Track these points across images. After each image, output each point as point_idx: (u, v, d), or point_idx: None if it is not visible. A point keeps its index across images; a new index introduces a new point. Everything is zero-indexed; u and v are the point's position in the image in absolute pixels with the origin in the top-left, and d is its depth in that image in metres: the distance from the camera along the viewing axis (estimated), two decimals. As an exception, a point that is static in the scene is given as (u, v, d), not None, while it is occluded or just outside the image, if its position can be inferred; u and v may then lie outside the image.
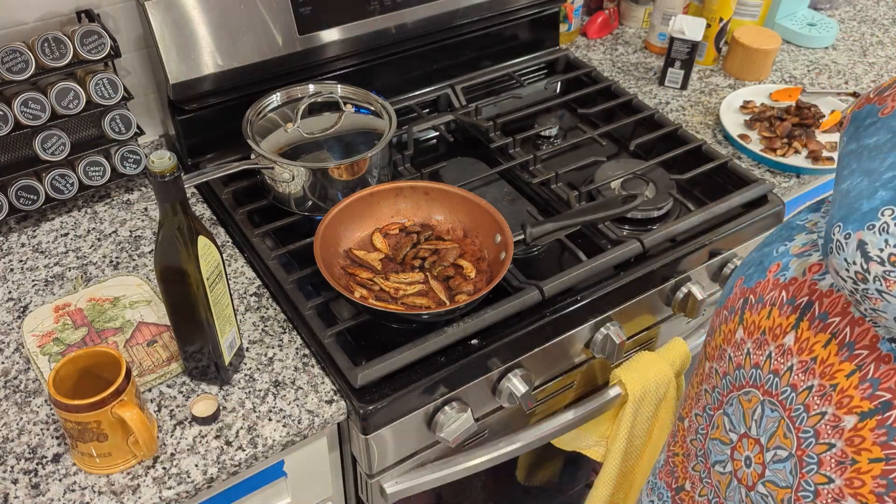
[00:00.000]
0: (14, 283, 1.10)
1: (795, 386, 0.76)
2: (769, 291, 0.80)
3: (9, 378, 0.98)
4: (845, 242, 0.66)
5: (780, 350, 0.77)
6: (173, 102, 1.23)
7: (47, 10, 1.16)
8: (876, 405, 0.70)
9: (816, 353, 0.74)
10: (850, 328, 0.72)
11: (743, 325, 0.82)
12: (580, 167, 1.30)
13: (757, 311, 0.81)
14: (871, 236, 0.64)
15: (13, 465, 0.89)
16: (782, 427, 0.77)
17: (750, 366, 0.81)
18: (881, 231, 0.64)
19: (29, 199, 1.15)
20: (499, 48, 1.52)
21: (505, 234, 1.06)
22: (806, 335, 0.75)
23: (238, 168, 1.15)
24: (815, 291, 0.76)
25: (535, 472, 1.40)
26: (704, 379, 0.90)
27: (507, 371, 1.06)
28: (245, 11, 1.22)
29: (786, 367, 0.77)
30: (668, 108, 1.50)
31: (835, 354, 0.72)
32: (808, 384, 0.75)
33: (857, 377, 0.71)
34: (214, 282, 0.88)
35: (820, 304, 0.75)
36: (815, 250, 0.79)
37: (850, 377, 0.71)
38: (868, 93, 0.80)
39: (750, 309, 0.82)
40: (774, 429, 0.78)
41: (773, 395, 0.78)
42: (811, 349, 0.74)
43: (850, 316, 0.72)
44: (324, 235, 1.05)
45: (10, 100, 1.08)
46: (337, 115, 1.22)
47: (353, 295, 1.00)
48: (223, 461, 0.90)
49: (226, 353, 0.94)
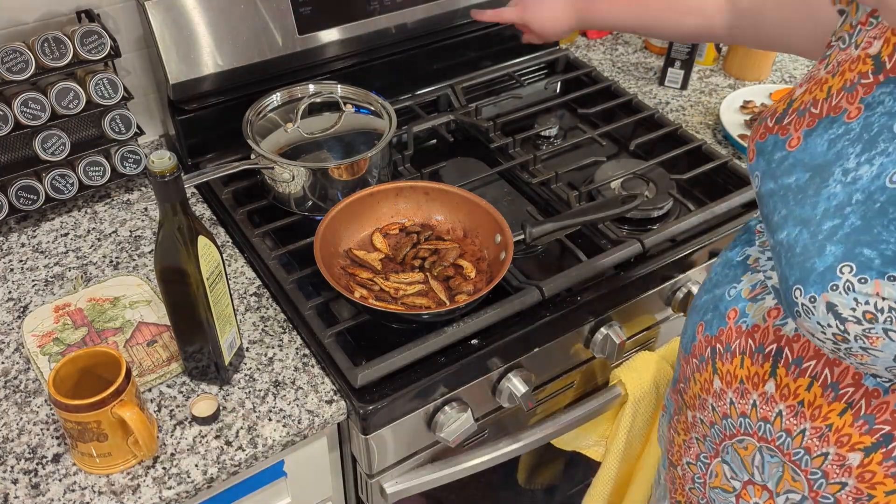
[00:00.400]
0: (14, 283, 1.10)
1: (789, 430, 0.74)
2: (735, 340, 0.78)
3: (9, 378, 0.98)
4: (812, 307, 0.64)
5: (763, 398, 0.75)
6: (173, 102, 1.23)
7: (47, 10, 1.16)
8: (878, 439, 0.69)
9: (802, 396, 0.72)
10: (829, 369, 0.71)
11: (718, 376, 0.80)
12: (580, 167, 1.30)
13: (729, 361, 0.79)
14: (839, 297, 0.62)
15: (13, 465, 0.89)
16: (788, 471, 0.76)
17: (737, 415, 0.79)
18: (846, 290, 0.62)
19: (29, 199, 1.15)
20: (499, 48, 1.52)
21: (505, 234, 1.06)
22: (786, 381, 0.73)
23: (238, 168, 1.15)
24: (781, 337, 0.74)
25: (536, 474, 1.40)
26: (690, 428, 0.88)
27: (507, 371, 1.06)
28: (245, 11, 1.22)
29: (774, 413, 0.75)
30: (668, 108, 1.50)
31: (820, 396, 0.70)
32: (801, 427, 0.73)
33: (850, 415, 0.69)
34: (214, 282, 0.88)
35: (791, 350, 0.73)
36: (767, 293, 0.77)
37: (843, 415, 0.70)
38: (765, 119, 0.78)
39: (720, 359, 0.80)
40: (780, 473, 0.77)
41: (770, 441, 0.77)
42: (795, 394, 0.72)
43: (824, 357, 0.71)
44: (323, 235, 1.05)
45: (10, 100, 1.08)
46: (337, 115, 1.22)
47: (353, 295, 1.00)
48: (223, 461, 0.90)
49: (226, 353, 0.94)
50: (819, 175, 0.68)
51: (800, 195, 0.70)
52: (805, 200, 0.69)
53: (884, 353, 0.62)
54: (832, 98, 0.70)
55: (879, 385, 0.68)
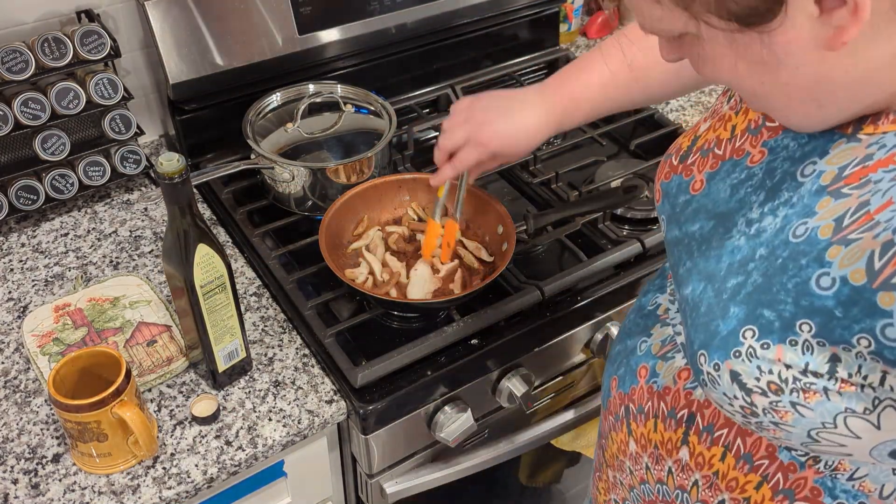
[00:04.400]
0: (14, 283, 1.10)
1: (706, 501, 0.70)
2: (647, 401, 0.74)
3: (9, 378, 0.98)
4: (717, 375, 0.59)
5: (678, 465, 0.71)
6: (173, 102, 1.23)
7: (47, 10, 1.16)
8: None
9: (716, 466, 0.68)
10: (742, 439, 0.66)
11: (633, 438, 0.76)
12: (580, 167, 1.30)
13: (643, 423, 0.74)
14: (742, 365, 0.57)
15: (13, 465, 0.89)
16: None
17: (654, 481, 0.75)
18: (749, 357, 0.56)
19: (29, 199, 1.15)
20: (499, 48, 1.52)
21: (507, 225, 1.06)
22: (699, 450, 0.69)
23: (238, 168, 1.15)
24: (692, 402, 0.69)
25: (537, 472, 1.40)
26: (611, 488, 0.84)
27: (506, 371, 1.06)
28: (245, 11, 1.22)
29: (690, 482, 0.71)
30: (668, 108, 1.50)
31: (734, 468, 0.66)
32: (718, 499, 0.69)
33: (769, 489, 0.65)
34: (213, 291, 0.87)
35: (702, 417, 0.68)
36: (677, 350, 0.72)
37: (760, 489, 0.65)
38: (669, 157, 0.74)
39: (634, 420, 0.76)
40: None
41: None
42: (710, 463, 0.68)
43: (736, 426, 0.66)
44: (328, 227, 1.06)
45: (10, 100, 1.08)
46: (337, 115, 1.22)
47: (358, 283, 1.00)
48: (223, 461, 0.90)
49: (220, 362, 0.94)
50: (722, 224, 0.64)
51: (703, 246, 0.65)
52: (709, 252, 0.64)
53: (796, 428, 0.57)
54: (735, 139, 0.66)
55: (795, 459, 0.64)
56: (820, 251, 0.54)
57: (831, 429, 0.56)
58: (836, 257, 0.53)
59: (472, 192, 1.11)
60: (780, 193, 0.60)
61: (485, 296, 1.04)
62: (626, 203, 1.10)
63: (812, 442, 0.58)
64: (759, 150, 0.64)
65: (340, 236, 1.10)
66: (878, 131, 0.54)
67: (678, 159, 0.72)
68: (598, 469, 0.88)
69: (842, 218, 0.54)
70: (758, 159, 0.63)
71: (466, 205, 1.13)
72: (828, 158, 0.57)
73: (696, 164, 0.70)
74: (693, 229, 0.68)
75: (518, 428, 1.15)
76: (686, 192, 0.70)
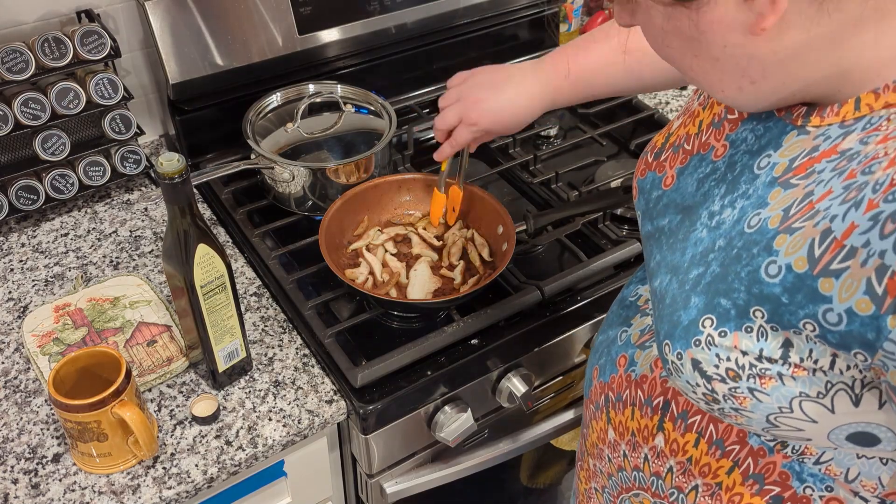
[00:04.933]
0: (14, 283, 1.10)
1: (680, 487, 0.72)
2: (625, 389, 0.75)
3: (9, 378, 0.98)
4: (681, 364, 0.61)
5: (654, 452, 0.72)
6: (173, 102, 1.23)
7: (47, 10, 1.16)
8: (767, 501, 0.66)
9: (690, 453, 0.69)
10: (714, 425, 0.68)
11: (612, 426, 0.78)
12: (580, 167, 1.30)
13: (620, 411, 0.76)
14: (702, 353, 0.59)
15: (13, 465, 0.89)
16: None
17: (631, 468, 0.76)
18: (708, 345, 0.58)
19: (29, 199, 1.15)
20: (499, 48, 1.52)
21: (507, 225, 1.06)
22: (674, 436, 0.70)
23: (238, 168, 1.15)
24: (668, 390, 0.71)
25: (538, 473, 1.40)
26: (591, 477, 0.85)
27: (506, 371, 1.06)
28: (245, 11, 1.22)
29: (665, 468, 0.72)
30: (668, 108, 1.50)
31: (706, 454, 0.68)
32: (692, 484, 0.70)
33: (739, 474, 0.66)
34: (213, 292, 0.87)
35: (677, 404, 0.70)
36: (654, 340, 0.73)
37: (731, 473, 0.67)
38: (646, 154, 0.75)
39: (613, 408, 0.77)
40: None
41: (663, 497, 0.74)
42: (684, 449, 0.70)
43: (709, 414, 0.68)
44: (328, 228, 1.06)
45: (10, 100, 1.08)
46: (337, 115, 1.22)
47: (358, 283, 1.00)
48: (223, 461, 0.90)
49: (221, 362, 0.94)
50: (688, 217, 0.66)
51: (671, 239, 0.67)
52: (676, 245, 0.66)
53: (755, 414, 0.59)
54: (702, 134, 0.68)
55: (764, 444, 0.65)
56: (769, 240, 0.56)
57: (788, 413, 0.57)
58: (783, 246, 0.54)
59: (473, 193, 1.11)
60: (738, 186, 0.62)
61: (485, 296, 1.04)
62: (626, 203, 1.10)
63: (772, 427, 0.59)
64: (721, 144, 0.66)
65: (340, 236, 1.10)
66: (824, 123, 0.56)
67: (653, 156, 0.74)
68: (579, 458, 0.89)
69: (789, 208, 0.55)
70: (721, 153, 0.65)
71: (466, 205, 1.13)
72: (781, 151, 0.59)
73: (668, 160, 0.71)
74: (663, 223, 0.69)
75: (518, 428, 1.15)
76: (658, 187, 0.71)
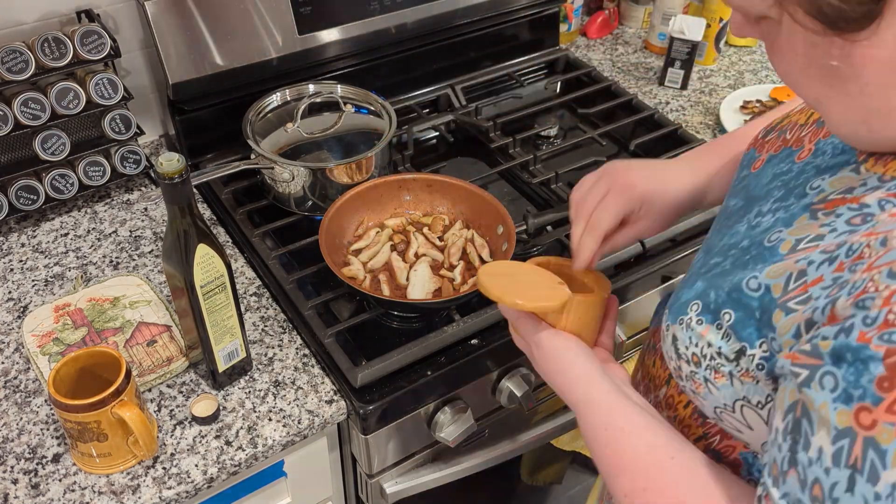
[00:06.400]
0: (14, 283, 1.10)
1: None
2: (660, 341, 0.76)
3: (9, 378, 0.98)
4: (667, 334, 0.64)
5: (655, 400, 0.75)
6: (173, 102, 1.23)
7: (47, 10, 1.16)
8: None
9: (679, 412, 0.71)
10: None
11: (642, 367, 0.80)
12: (580, 167, 1.30)
13: (650, 358, 0.78)
14: (681, 332, 0.62)
15: (13, 465, 0.89)
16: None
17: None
18: (687, 327, 0.62)
19: (29, 199, 1.15)
20: (499, 48, 1.52)
21: (507, 225, 1.06)
22: (671, 392, 0.72)
23: (238, 168, 1.15)
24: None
25: (538, 472, 1.40)
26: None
27: (507, 371, 1.06)
28: (245, 11, 1.22)
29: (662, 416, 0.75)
30: (668, 108, 1.50)
31: (690, 417, 0.70)
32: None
33: (705, 444, 0.68)
34: (213, 291, 0.87)
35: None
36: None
37: (699, 442, 0.68)
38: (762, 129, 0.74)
39: (647, 353, 0.80)
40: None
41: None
42: (675, 407, 0.72)
43: None
44: (328, 228, 1.05)
45: (10, 100, 1.08)
46: (337, 115, 1.22)
47: (358, 283, 1.01)
48: (223, 461, 0.90)
49: (221, 362, 0.94)
50: (747, 208, 0.66)
51: (727, 220, 0.68)
52: (723, 229, 0.67)
53: (706, 401, 0.63)
54: (804, 127, 0.67)
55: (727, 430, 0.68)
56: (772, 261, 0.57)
57: (731, 412, 0.61)
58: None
59: (473, 192, 1.11)
60: (790, 197, 0.62)
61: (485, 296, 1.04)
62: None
63: (717, 419, 0.63)
64: (810, 147, 0.65)
65: (340, 236, 1.10)
66: (872, 169, 0.55)
67: (762, 133, 0.73)
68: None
69: (801, 240, 0.56)
70: (804, 156, 0.64)
71: (466, 205, 1.13)
72: (832, 180, 0.58)
73: (770, 142, 0.70)
74: (731, 203, 0.70)
75: (518, 428, 1.15)
76: (748, 167, 0.71)
